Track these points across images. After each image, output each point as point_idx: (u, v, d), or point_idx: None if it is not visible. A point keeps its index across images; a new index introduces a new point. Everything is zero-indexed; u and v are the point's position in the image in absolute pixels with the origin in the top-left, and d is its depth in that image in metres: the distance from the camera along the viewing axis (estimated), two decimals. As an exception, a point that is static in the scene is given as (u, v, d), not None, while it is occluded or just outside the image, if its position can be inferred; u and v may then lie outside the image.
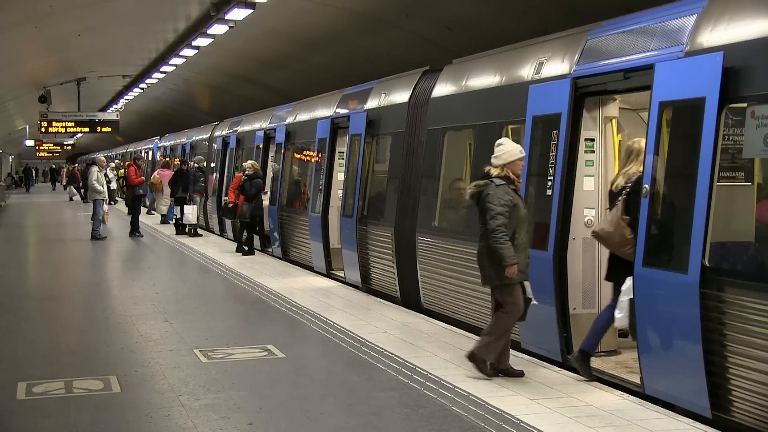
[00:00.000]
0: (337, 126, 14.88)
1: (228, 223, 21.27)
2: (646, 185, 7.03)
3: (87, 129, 30.97)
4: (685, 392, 6.64)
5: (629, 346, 8.43)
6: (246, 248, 17.61)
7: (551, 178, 8.44)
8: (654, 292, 6.85)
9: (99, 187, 21.25)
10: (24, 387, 7.54)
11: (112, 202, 34.01)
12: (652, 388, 6.96)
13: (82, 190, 40.63)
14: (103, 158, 24.78)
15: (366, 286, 12.93)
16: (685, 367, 6.57)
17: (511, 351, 8.72)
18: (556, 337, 8.27)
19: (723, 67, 6.35)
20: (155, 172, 25.08)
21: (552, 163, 8.44)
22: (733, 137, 6.55)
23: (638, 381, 7.17)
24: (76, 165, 56.95)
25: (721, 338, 6.30)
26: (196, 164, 22.55)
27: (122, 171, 24.83)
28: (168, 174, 23.48)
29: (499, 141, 7.99)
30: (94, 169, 21.68)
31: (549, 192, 8.45)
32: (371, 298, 12.26)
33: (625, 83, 7.74)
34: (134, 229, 21.79)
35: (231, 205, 18.01)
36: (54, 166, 72.14)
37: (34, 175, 69.73)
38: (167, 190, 23.29)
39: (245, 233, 17.78)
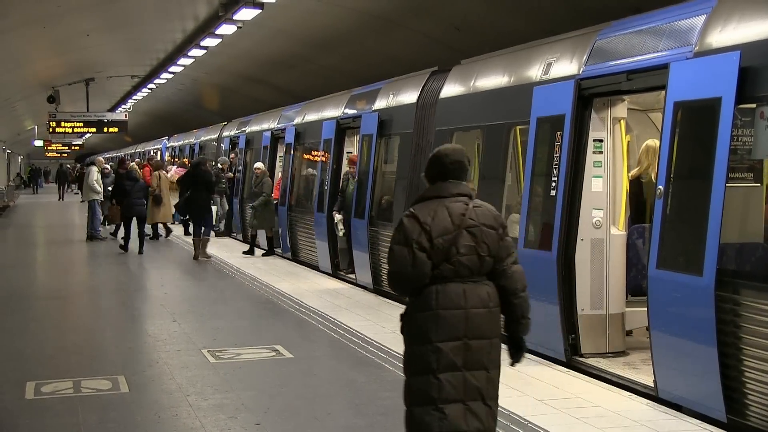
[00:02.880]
0: (345, 126, 14.88)
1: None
2: (661, 186, 6.98)
3: (95, 129, 30.97)
4: (699, 395, 6.58)
5: (636, 346, 8.42)
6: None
7: (555, 179, 8.42)
8: (668, 295, 6.80)
9: (97, 188, 21.30)
10: (32, 387, 7.55)
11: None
12: (666, 392, 6.91)
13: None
14: (102, 159, 24.67)
15: (377, 287, 12.91)
16: (699, 370, 6.51)
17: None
18: (560, 338, 8.24)
19: (739, 67, 6.30)
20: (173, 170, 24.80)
21: (556, 164, 8.43)
22: (743, 138, 6.52)
23: (651, 384, 7.14)
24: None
25: (736, 341, 6.25)
26: (220, 165, 21.54)
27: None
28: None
29: None
30: (94, 169, 21.69)
31: (553, 193, 8.43)
32: (379, 298, 12.25)
33: (636, 84, 7.69)
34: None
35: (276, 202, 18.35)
36: (68, 166, 71.85)
37: (42, 175, 69.04)
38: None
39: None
